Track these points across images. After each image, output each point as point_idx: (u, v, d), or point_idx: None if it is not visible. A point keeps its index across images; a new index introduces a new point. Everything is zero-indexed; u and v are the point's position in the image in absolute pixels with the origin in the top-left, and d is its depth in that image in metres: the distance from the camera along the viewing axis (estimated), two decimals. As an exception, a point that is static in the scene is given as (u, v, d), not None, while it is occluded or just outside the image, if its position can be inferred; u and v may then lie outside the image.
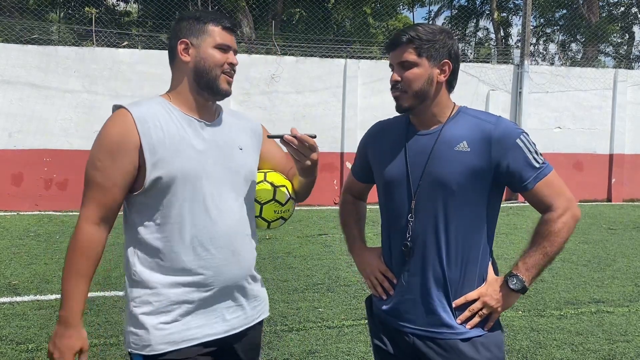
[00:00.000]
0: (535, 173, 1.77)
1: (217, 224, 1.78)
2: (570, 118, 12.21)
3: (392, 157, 1.90)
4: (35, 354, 3.72)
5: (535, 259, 1.79)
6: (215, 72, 1.80)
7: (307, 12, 15.72)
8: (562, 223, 1.78)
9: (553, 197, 1.79)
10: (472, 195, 1.79)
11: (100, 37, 11.00)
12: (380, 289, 1.94)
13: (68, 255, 1.73)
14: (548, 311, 4.72)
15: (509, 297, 1.82)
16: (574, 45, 21.23)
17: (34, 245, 6.94)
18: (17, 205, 9.62)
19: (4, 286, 5.19)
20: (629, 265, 6.35)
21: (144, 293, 1.76)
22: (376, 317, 1.98)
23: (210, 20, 1.81)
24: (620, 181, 12.31)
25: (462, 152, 1.78)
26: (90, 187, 1.74)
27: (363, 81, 11.02)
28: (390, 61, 1.85)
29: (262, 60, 10.86)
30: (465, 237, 1.80)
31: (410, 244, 1.82)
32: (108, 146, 1.72)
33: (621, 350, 3.95)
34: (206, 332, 1.80)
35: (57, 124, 9.83)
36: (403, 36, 1.79)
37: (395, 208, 1.87)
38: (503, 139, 1.76)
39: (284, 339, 4.04)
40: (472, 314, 1.81)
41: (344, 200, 2.18)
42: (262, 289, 2.00)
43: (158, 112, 1.77)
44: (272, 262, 6.16)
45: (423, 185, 1.81)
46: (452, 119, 1.85)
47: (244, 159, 1.88)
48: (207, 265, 1.77)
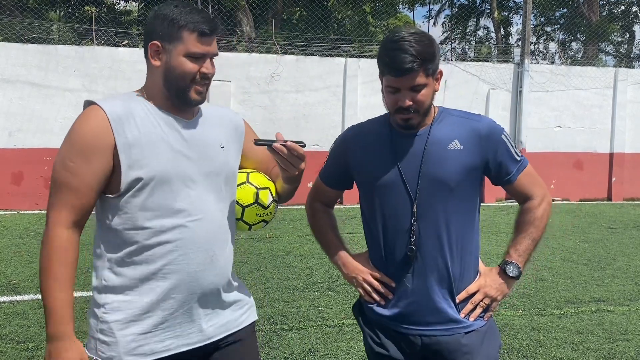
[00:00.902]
0: (517, 166, 1.88)
1: (197, 228, 1.68)
2: (570, 117, 12.20)
3: (378, 161, 1.88)
4: (35, 353, 3.72)
5: (525, 245, 1.89)
6: (184, 82, 1.67)
7: (307, 11, 15.71)
8: (543, 209, 1.90)
9: (532, 187, 1.91)
10: (467, 191, 1.85)
11: (100, 36, 11.00)
12: (377, 295, 1.91)
13: (44, 265, 1.60)
14: (548, 310, 4.72)
15: (507, 284, 1.90)
16: (574, 44, 21.22)
17: (34, 244, 6.94)
18: (17, 204, 9.62)
19: (4, 285, 5.19)
20: (629, 264, 6.35)
21: (115, 299, 1.66)
22: (374, 324, 1.94)
23: (185, 24, 1.65)
24: (621, 180, 12.30)
25: (455, 151, 1.83)
26: (60, 190, 1.62)
27: (363, 80, 11.02)
28: (395, 85, 1.77)
29: (262, 59, 10.86)
30: (463, 233, 1.87)
31: (415, 248, 1.83)
32: (80, 146, 1.61)
33: (621, 349, 3.95)
34: (180, 343, 1.70)
35: (57, 123, 9.83)
36: (413, 62, 1.72)
37: (393, 212, 1.86)
38: (491, 135, 1.85)
39: (284, 338, 4.04)
40: (475, 305, 1.87)
41: (314, 209, 2.09)
42: (242, 293, 1.88)
43: (133, 109, 1.66)
44: (272, 261, 6.16)
45: (422, 188, 1.82)
46: (437, 119, 1.88)
47: (225, 158, 1.78)
48: (183, 270, 1.67)
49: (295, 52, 11.57)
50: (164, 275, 1.66)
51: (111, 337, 1.65)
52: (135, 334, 1.65)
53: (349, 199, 8.35)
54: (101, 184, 1.64)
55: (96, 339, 1.67)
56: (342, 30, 17.64)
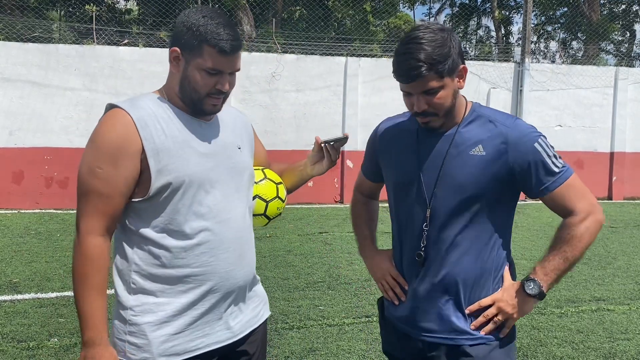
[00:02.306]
0: (554, 177, 1.71)
1: (226, 229, 1.70)
2: (571, 116, 12.20)
3: (401, 159, 1.82)
4: (36, 352, 3.72)
5: (555, 264, 1.71)
6: (198, 95, 1.66)
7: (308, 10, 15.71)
8: (585, 227, 1.70)
9: (574, 201, 1.73)
10: (488, 200, 1.72)
11: (100, 35, 11.00)
12: (392, 293, 1.88)
13: (80, 272, 1.60)
14: (549, 309, 4.72)
15: (525, 302, 1.73)
16: (574, 43, 21.20)
17: (35, 243, 6.94)
18: (17, 203, 9.62)
19: (5, 284, 5.20)
20: (629, 264, 6.35)
21: (146, 301, 1.66)
22: (388, 321, 1.94)
23: (208, 38, 1.60)
24: (621, 179, 12.30)
25: (477, 157, 1.71)
26: (89, 197, 1.60)
27: (364, 79, 11.01)
28: (407, 90, 1.69)
29: (263, 58, 10.85)
30: (479, 244, 1.74)
31: (423, 254, 1.76)
32: (108, 152, 1.59)
33: (622, 348, 3.95)
34: (209, 342, 1.72)
35: (57, 122, 9.83)
36: (421, 67, 1.61)
37: (407, 214, 1.80)
38: (520, 143, 1.69)
39: (285, 337, 4.04)
40: (487, 319, 1.75)
41: (354, 199, 2.12)
42: (259, 289, 1.93)
43: (157, 113, 1.65)
44: (273, 260, 6.16)
45: (438, 191, 1.73)
46: (467, 120, 1.76)
47: (243, 158, 1.81)
48: (214, 271, 1.69)
49: (296, 51, 11.56)
50: (196, 277, 1.67)
51: (143, 339, 1.65)
52: (168, 334, 1.66)
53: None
54: (130, 189, 1.62)
55: (125, 341, 1.66)
56: (342, 30, 17.63)
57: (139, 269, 1.67)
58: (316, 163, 1.96)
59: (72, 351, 3.74)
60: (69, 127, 9.88)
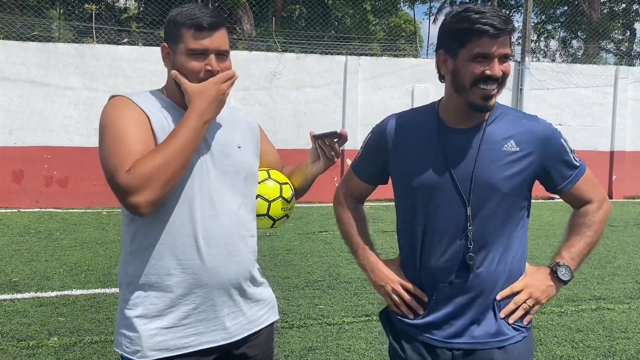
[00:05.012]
0: (575, 172, 1.76)
1: (214, 225, 1.70)
2: (571, 115, 12.19)
3: (425, 160, 1.71)
4: (35, 351, 3.72)
5: (579, 248, 1.77)
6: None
7: (308, 8, 15.70)
8: (602, 214, 1.78)
9: (591, 191, 1.79)
10: (520, 196, 1.71)
11: (100, 34, 10.99)
12: (405, 308, 1.77)
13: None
14: (548, 308, 4.71)
15: (554, 288, 1.75)
16: (575, 42, 21.19)
17: (35, 242, 6.95)
18: (17, 202, 9.62)
19: (4, 283, 5.19)
20: (629, 263, 6.35)
21: (138, 295, 1.68)
22: (401, 334, 1.80)
23: (184, 22, 1.63)
24: (621, 178, 12.30)
25: (510, 153, 1.68)
26: (125, 144, 1.56)
27: (364, 77, 11.01)
28: (487, 51, 1.57)
29: (263, 57, 10.85)
30: (512, 239, 1.73)
31: (474, 255, 1.67)
32: (126, 121, 1.59)
33: (621, 347, 3.96)
34: (203, 340, 1.71)
35: (57, 121, 9.82)
36: (508, 23, 1.56)
37: (442, 217, 1.70)
38: (550, 139, 1.73)
39: (285, 336, 4.04)
40: (517, 306, 1.72)
41: (342, 205, 1.95)
42: (266, 292, 1.90)
43: (158, 105, 1.70)
44: (273, 260, 6.16)
45: (476, 190, 1.66)
46: (493, 115, 1.73)
47: (243, 157, 1.80)
48: (204, 266, 1.69)
49: (296, 49, 11.56)
50: (183, 270, 1.67)
51: (134, 332, 1.66)
52: (159, 328, 1.67)
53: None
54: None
55: (121, 334, 1.69)
56: (342, 28, 17.63)
57: (134, 261, 1.69)
58: (315, 161, 1.94)
59: (72, 350, 3.73)
60: (68, 126, 9.87)
